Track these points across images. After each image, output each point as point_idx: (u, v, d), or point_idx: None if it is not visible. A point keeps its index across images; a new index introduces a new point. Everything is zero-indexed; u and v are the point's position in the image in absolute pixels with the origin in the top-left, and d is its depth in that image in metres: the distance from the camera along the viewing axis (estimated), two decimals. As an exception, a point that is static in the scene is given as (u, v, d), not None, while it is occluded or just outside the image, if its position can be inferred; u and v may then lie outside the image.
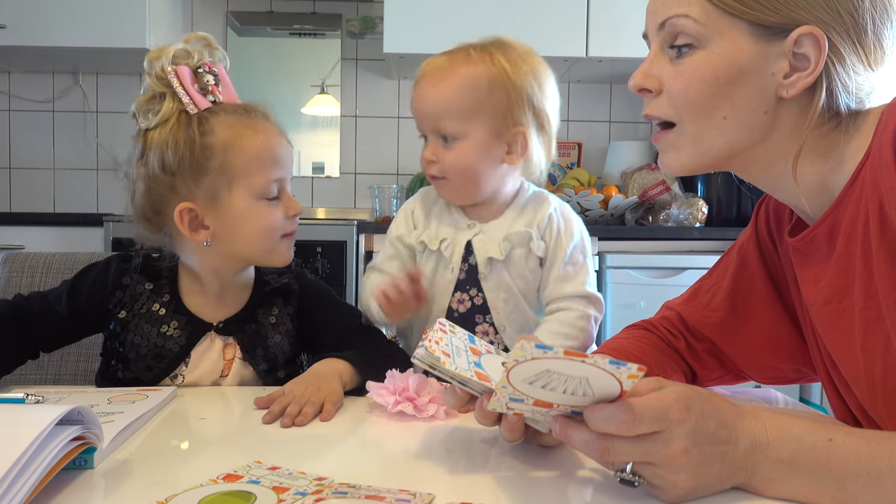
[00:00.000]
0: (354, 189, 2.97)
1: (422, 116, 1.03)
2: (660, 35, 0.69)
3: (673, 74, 0.68)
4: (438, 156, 1.01)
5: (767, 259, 0.84)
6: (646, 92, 0.71)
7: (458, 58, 1.01)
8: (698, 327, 0.87)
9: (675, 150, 0.71)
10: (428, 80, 1.02)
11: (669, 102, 0.69)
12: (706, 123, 0.68)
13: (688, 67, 0.67)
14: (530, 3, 2.46)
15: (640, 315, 0.95)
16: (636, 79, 0.71)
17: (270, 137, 0.94)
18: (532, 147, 1.03)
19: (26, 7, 2.43)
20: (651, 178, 2.54)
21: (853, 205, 0.66)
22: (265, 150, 0.92)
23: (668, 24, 0.68)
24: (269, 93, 2.94)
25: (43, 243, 2.29)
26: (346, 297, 2.26)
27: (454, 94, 1.00)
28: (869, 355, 0.66)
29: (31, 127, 2.89)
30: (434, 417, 0.76)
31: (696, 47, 0.67)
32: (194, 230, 0.91)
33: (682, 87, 0.68)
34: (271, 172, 0.92)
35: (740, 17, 0.65)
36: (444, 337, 0.67)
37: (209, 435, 0.75)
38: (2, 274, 1.25)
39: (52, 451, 0.53)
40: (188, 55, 0.93)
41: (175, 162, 0.89)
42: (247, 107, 0.96)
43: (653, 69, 0.70)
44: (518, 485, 0.59)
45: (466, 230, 1.05)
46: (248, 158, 0.90)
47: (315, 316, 1.01)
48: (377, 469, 0.63)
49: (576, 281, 1.04)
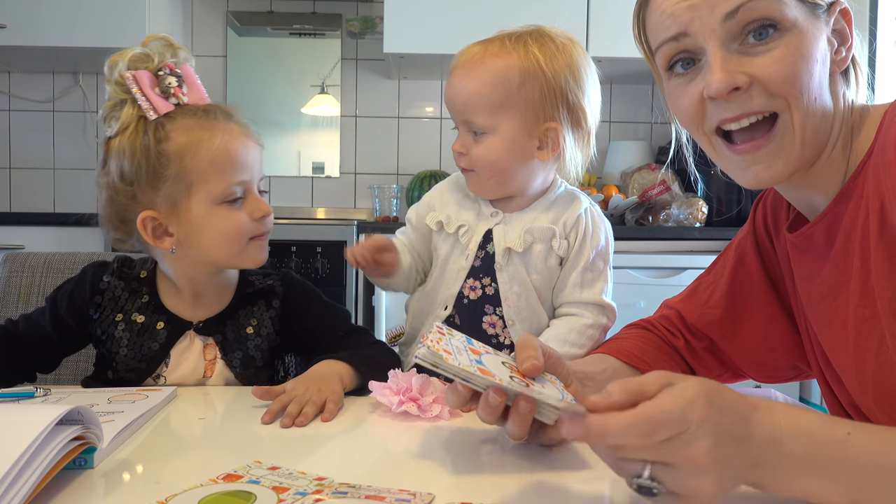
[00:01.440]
0: (354, 189, 2.97)
1: (452, 108, 1.01)
2: (724, 27, 0.64)
3: (769, 62, 0.63)
4: (468, 148, 0.99)
5: (765, 256, 0.84)
6: (734, 92, 0.64)
7: (492, 48, 0.99)
8: (697, 325, 0.87)
9: (784, 151, 0.66)
10: (459, 72, 1.00)
11: (771, 92, 0.64)
12: (808, 107, 0.64)
13: (786, 50, 0.63)
14: (530, 3, 2.46)
15: (640, 315, 0.95)
16: (723, 80, 0.63)
17: (230, 139, 0.90)
18: (565, 144, 0.99)
19: (26, 7, 2.43)
20: (651, 178, 2.54)
21: (854, 203, 0.66)
22: (222, 153, 0.89)
23: (742, 10, 0.62)
24: (269, 93, 2.94)
25: (43, 243, 2.29)
26: (346, 297, 2.26)
27: (483, 86, 0.97)
28: (861, 353, 0.67)
29: (31, 127, 2.89)
30: (438, 417, 0.76)
31: (782, 29, 0.63)
32: (158, 238, 0.90)
33: (787, 71, 0.63)
34: (231, 176, 0.90)
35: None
36: (442, 338, 0.67)
37: (209, 435, 0.75)
38: (2, 274, 1.25)
39: (52, 451, 0.53)
40: (147, 58, 0.90)
41: (132, 171, 0.88)
42: (208, 108, 0.93)
43: (730, 66, 0.64)
44: (518, 485, 0.59)
45: (489, 218, 1.03)
46: (205, 163, 0.88)
47: (302, 318, 1.00)
48: (377, 469, 0.63)
49: (594, 289, 1.00)
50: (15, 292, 1.24)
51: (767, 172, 0.66)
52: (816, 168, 0.69)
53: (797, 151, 0.65)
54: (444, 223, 1.04)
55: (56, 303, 0.96)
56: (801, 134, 0.65)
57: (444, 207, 1.06)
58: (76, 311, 0.95)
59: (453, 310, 1.02)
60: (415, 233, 1.09)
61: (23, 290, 1.24)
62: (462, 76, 1.00)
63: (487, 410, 0.62)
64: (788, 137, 0.65)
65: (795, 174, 0.68)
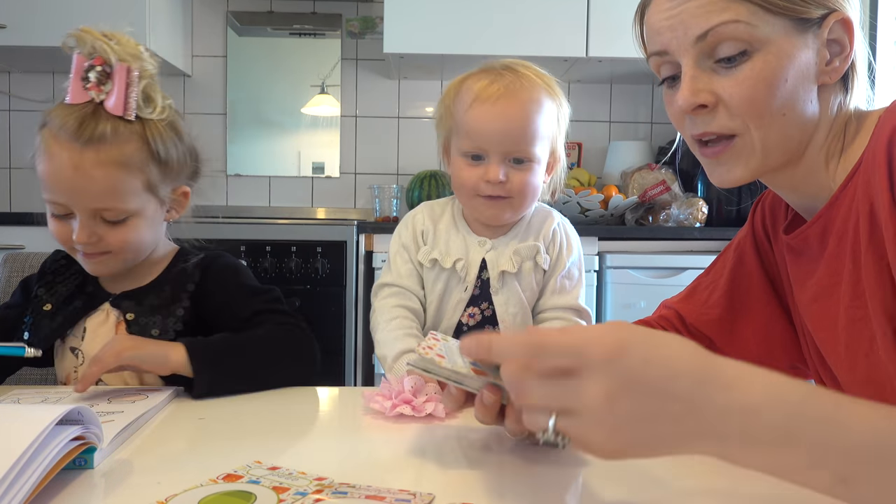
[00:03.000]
0: (354, 189, 2.97)
1: (499, 138, 1.00)
2: (696, 48, 0.66)
3: (731, 84, 0.65)
4: (509, 176, 1.01)
5: (763, 256, 0.84)
6: (700, 109, 0.67)
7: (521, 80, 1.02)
8: (696, 325, 0.87)
9: (744, 161, 0.68)
10: (506, 102, 1.00)
11: (730, 113, 0.67)
12: (771, 125, 0.66)
13: (749, 73, 0.65)
14: (530, 3, 2.45)
15: (640, 315, 0.95)
16: (687, 99, 0.67)
17: (61, 162, 0.87)
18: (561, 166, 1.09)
19: (26, 7, 2.43)
20: (651, 178, 2.54)
21: (846, 205, 0.67)
22: (47, 170, 0.89)
23: (711, 34, 0.65)
24: (269, 93, 2.94)
25: (43, 243, 2.28)
26: (346, 298, 2.26)
27: (537, 116, 1.01)
28: (852, 354, 0.67)
29: (31, 127, 2.86)
30: (433, 416, 0.76)
31: (751, 51, 0.65)
32: None
33: (747, 94, 0.65)
34: (50, 193, 0.90)
35: (784, 14, 0.65)
36: (436, 344, 0.68)
37: (209, 435, 0.75)
38: (2, 274, 1.25)
39: (51, 452, 0.53)
40: (83, 42, 0.92)
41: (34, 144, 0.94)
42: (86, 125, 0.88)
43: (699, 84, 0.67)
44: (518, 484, 0.59)
45: (479, 248, 1.06)
46: (41, 170, 0.90)
47: (214, 296, 0.98)
48: (377, 469, 0.63)
49: (571, 294, 1.08)
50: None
51: (729, 175, 0.70)
52: (803, 172, 0.70)
53: (758, 161, 0.68)
54: (439, 259, 1.06)
55: (25, 285, 1.03)
56: (762, 148, 0.67)
57: (435, 242, 1.09)
58: (28, 293, 1.01)
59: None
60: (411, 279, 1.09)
61: (23, 290, 1.24)
62: (511, 106, 1.00)
63: (483, 411, 0.62)
64: (747, 150, 0.68)
65: (767, 175, 0.71)
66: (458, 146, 1.04)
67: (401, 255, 1.10)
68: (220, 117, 2.92)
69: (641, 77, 2.75)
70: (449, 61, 2.60)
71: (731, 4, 0.64)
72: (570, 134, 1.11)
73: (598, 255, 2.27)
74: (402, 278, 1.08)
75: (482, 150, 1.01)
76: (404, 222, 1.13)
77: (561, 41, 2.47)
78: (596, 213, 2.42)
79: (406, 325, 1.05)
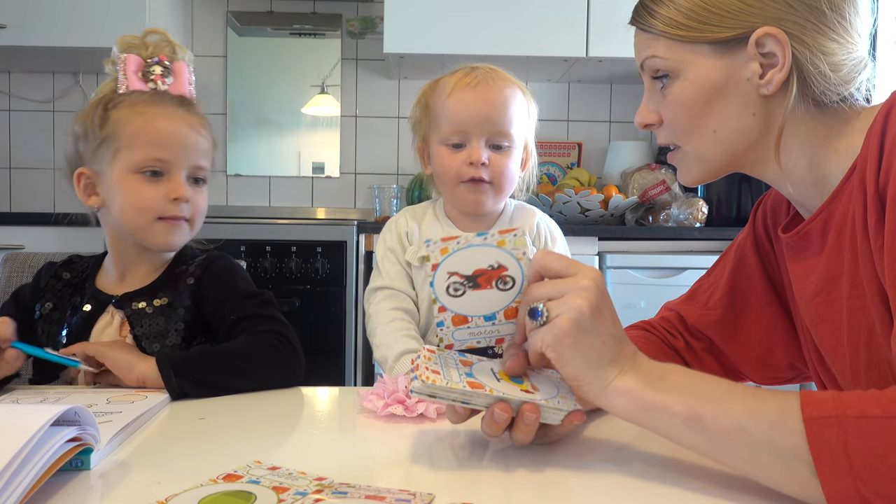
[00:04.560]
0: (354, 189, 2.97)
1: (480, 119, 1.06)
2: (645, 74, 0.76)
3: (664, 106, 0.74)
4: (490, 160, 1.06)
5: (764, 257, 0.85)
6: (651, 126, 0.77)
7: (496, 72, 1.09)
8: (697, 326, 0.87)
9: (685, 166, 0.77)
10: (485, 86, 1.06)
11: (668, 130, 0.76)
12: (700, 140, 0.73)
13: (671, 98, 0.73)
14: (530, 3, 2.45)
15: (640, 315, 0.95)
16: (639, 117, 0.78)
17: (163, 118, 0.95)
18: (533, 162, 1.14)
19: (26, 7, 2.43)
20: (651, 177, 2.54)
21: (845, 199, 0.67)
22: (150, 126, 0.94)
23: (645, 65, 0.75)
24: (269, 93, 2.94)
25: (43, 243, 2.29)
26: (346, 298, 2.26)
27: (514, 99, 1.07)
28: (853, 344, 0.68)
29: (31, 127, 2.89)
30: (424, 416, 0.76)
31: (673, 77, 0.72)
32: (87, 195, 0.98)
33: (671, 115, 0.74)
34: (151, 149, 0.94)
35: (699, 41, 0.69)
36: (431, 356, 0.67)
37: (209, 435, 0.74)
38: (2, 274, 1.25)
39: (47, 453, 0.52)
40: (143, 46, 0.97)
41: (82, 128, 0.96)
42: (164, 92, 0.97)
43: (650, 104, 0.77)
44: (519, 484, 0.59)
45: None
46: (132, 131, 0.93)
47: (210, 299, 0.98)
48: (377, 469, 0.63)
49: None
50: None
51: (687, 175, 0.78)
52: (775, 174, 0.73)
53: (700, 168, 0.76)
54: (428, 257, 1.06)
55: (16, 298, 1.03)
56: (699, 160, 0.75)
57: (421, 240, 1.10)
58: (25, 306, 1.01)
59: None
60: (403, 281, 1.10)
61: (22, 290, 1.24)
62: (489, 90, 1.06)
63: (494, 427, 0.62)
64: (688, 160, 0.76)
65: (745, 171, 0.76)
66: (439, 136, 1.08)
67: (388, 259, 1.11)
68: (221, 117, 2.92)
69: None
70: (449, 61, 2.59)
71: (652, 42, 0.73)
72: (570, 134, 1.16)
73: (598, 255, 2.27)
74: (394, 280, 1.09)
75: (463, 135, 1.06)
76: (387, 227, 1.15)
77: (561, 41, 2.47)
78: (596, 213, 2.42)
79: (404, 326, 1.05)
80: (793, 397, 0.51)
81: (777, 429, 0.51)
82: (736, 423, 0.53)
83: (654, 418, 0.57)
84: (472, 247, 0.63)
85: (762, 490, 0.55)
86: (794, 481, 0.50)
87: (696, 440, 0.56)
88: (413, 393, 0.62)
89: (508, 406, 0.61)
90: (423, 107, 1.13)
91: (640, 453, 0.67)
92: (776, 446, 0.51)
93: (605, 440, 0.70)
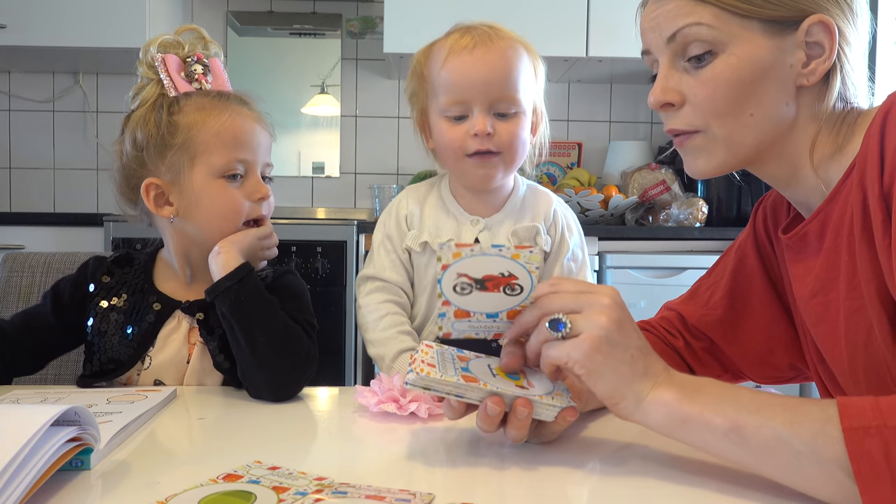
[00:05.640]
0: (354, 189, 2.97)
1: (480, 86, 0.95)
2: (669, 48, 0.69)
3: (695, 84, 0.68)
4: (496, 129, 0.96)
5: (765, 258, 0.85)
6: (668, 107, 0.71)
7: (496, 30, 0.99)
8: (698, 325, 0.87)
9: (705, 153, 0.71)
10: (483, 49, 0.96)
11: (694, 112, 0.69)
12: (735, 124, 0.68)
13: (711, 74, 0.67)
14: (530, 3, 2.45)
15: (640, 315, 0.94)
16: (656, 95, 0.71)
17: (237, 118, 0.94)
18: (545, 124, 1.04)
19: (26, 7, 2.43)
20: (651, 177, 2.54)
21: (843, 200, 0.67)
22: (228, 128, 0.92)
23: (679, 35, 0.68)
24: (269, 93, 2.94)
25: (43, 243, 2.29)
26: (346, 298, 2.26)
27: (518, 61, 0.97)
28: (852, 345, 0.68)
29: (31, 127, 2.89)
30: (415, 415, 0.75)
31: (715, 53, 0.67)
32: (160, 206, 0.93)
33: (708, 94, 0.68)
34: (233, 151, 0.92)
35: (751, 16, 0.66)
36: (429, 351, 0.68)
37: (209, 435, 0.74)
38: (2, 274, 1.25)
39: (46, 453, 0.52)
40: (178, 45, 0.95)
41: (144, 138, 0.92)
42: (223, 92, 0.96)
43: (669, 83, 0.70)
44: (518, 484, 0.59)
45: (471, 227, 1.02)
46: (210, 135, 0.91)
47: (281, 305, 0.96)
48: (377, 469, 0.63)
49: (578, 277, 1.04)
50: (15, 292, 1.24)
51: (694, 164, 0.72)
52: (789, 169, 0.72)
53: (723, 155, 0.70)
54: (429, 241, 1.01)
55: (58, 291, 0.97)
56: (727, 144, 0.69)
57: (422, 225, 1.04)
58: (77, 298, 0.96)
59: None
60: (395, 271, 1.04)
61: (23, 290, 1.24)
62: (489, 52, 0.96)
63: (487, 420, 0.62)
64: (710, 145, 0.70)
65: (752, 168, 0.73)
66: (439, 107, 0.99)
67: (384, 246, 1.06)
68: (220, 117, 2.91)
69: (641, 77, 2.75)
70: (449, 61, 2.59)
71: (697, 8, 0.66)
72: (571, 134, 1.10)
73: (598, 255, 2.27)
74: (385, 270, 1.04)
75: (464, 104, 0.97)
76: (387, 210, 1.08)
77: (561, 41, 2.47)
78: (596, 213, 2.42)
79: (398, 321, 1.02)
80: (831, 407, 0.51)
81: (819, 439, 0.50)
82: (777, 434, 0.52)
83: (692, 431, 0.57)
84: (486, 255, 0.63)
85: (762, 489, 0.55)
86: (837, 491, 0.50)
87: (737, 452, 0.55)
88: (408, 385, 0.63)
89: (501, 400, 0.61)
90: (418, 76, 1.04)
91: (637, 453, 0.67)
92: (819, 457, 0.50)
93: (604, 440, 0.70)
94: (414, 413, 0.76)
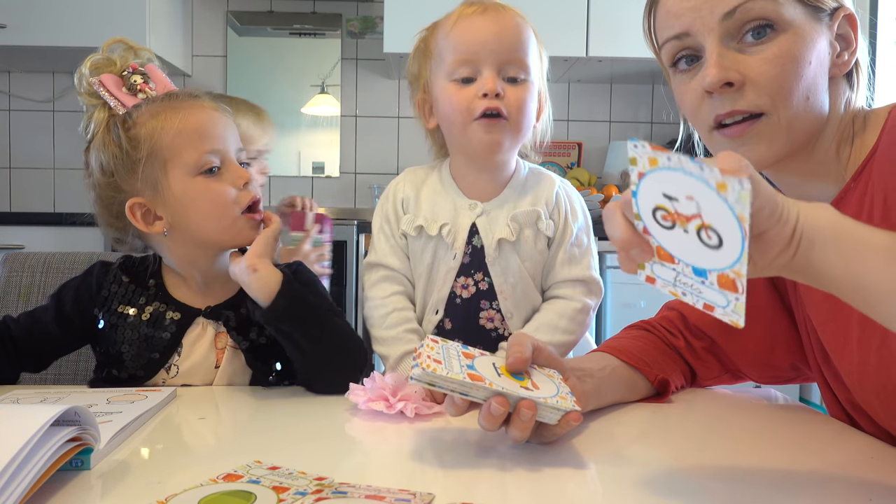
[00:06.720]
0: (354, 189, 2.97)
1: (491, 45, 0.93)
2: (722, 26, 0.66)
3: (759, 62, 0.65)
4: (505, 91, 0.93)
5: None
6: (727, 87, 0.67)
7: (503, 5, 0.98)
8: (698, 325, 0.87)
9: (766, 140, 0.67)
10: (494, 13, 0.94)
11: (759, 92, 0.66)
12: (797, 106, 0.66)
13: (777, 52, 0.65)
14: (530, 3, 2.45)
15: (640, 315, 0.94)
16: (716, 75, 0.66)
17: (194, 111, 0.91)
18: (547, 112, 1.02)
19: (26, 7, 2.43)
20: (651, 177, 2.54)
21: (857, 199, 0.67)
22: (188, 124, 0.90)
23: (739, 11, 0.65)
24: (269, 93, 2.94)
25: (43, 243, 2.29)
26: (346, 297, 2.26)
27: (527, 31, 0.97)
28: (864, 348, 0.67)
29: (31, 127, 2.89)
30: (402, 413, 0.75)
31: (778, 30, 0.65)
32: (150, 223, 0.91)
33: (776, 72, 0.65)
34: (200, 145, 0.89)
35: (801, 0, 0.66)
36: (434, 346, 0.67)
37: (209, 435, 0.74)
38: (2, 274, 1.25)
39: (46, 453, 0.52)
40: (110, 62, 0.93)
41: (109, 162, 0.90)
42: (171, 92, 0.94)
43: (726, 62, 0.66)
44: (518, 484, 0.59)
45: (468, 211, 0.99)
46: (172, 137, 0.89)
47: None
48: (377, 469, 0.63)
49: (582, 263, 1.01)
50: (15, 292, 1.24)
51: (752, 154, 0.67)
52: (814, 163, 0.71)
53: (783, 141, 0.67)
54: (424, 226, 0.99)
55: (61, 298, 0.95)
56: (788, 129, 0.67)
57: (418, 209, 1.01)
58: (82, 307, 0.94)
59: (444, 313, 1.00)
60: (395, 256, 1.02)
61: (23, 290, 1.24)
62: (500, 14, 0.95)
63: (490, 420, 0.62)
64: (773, 130, 0.67)
65: (782, 162, 0.70)
66: (445, 71, 0.96)
67: (383, 231, 1.04)
68: (220, 117, 2.92)
69: (641, 77, 2.75)
70: (449, 61, 2.60)
71: None
72: (570, 134, 1.08)
73: (598, 255, 2.27)
74: (387, 256, 1.03)
75: (473, 63, 0.94)
76: (385, 193, 1.06)
77: (561, 41, 2.47)
78: (596, 212, 2.42)
79: (404, 318, 1.00)
80: None
81: None
82: None
83: (847, 249, 0.50)
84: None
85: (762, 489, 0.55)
86: None
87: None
88: (413, 380, 0.62)
89: (506, 400, 0.61)
90: (421, 53, 1.02)
91: (638, 453, 0.67)
92: None
93: (604, 440, 0.70)
94: (401, 412, 0.76)
